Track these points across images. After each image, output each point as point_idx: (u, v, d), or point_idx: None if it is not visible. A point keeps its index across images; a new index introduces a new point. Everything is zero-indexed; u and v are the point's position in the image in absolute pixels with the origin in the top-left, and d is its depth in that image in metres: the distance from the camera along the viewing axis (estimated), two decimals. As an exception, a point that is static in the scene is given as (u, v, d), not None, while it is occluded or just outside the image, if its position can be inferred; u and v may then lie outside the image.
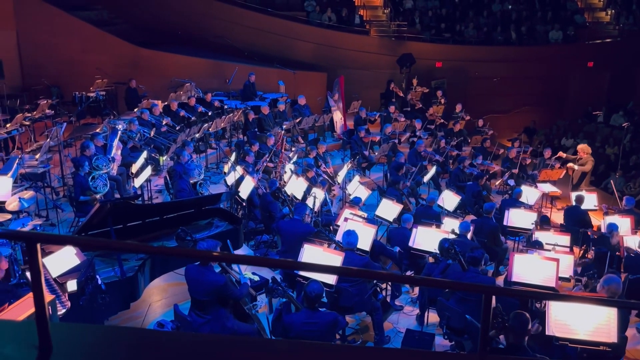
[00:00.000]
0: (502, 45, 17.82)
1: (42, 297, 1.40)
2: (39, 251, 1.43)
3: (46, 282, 5.28)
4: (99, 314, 5.14)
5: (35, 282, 1.44)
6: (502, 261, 8.12)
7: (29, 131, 10.88)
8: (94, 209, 5.76)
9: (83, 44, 14.36)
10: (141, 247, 1.74)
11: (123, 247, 3.21)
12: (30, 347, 1.39)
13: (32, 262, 1.42)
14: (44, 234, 1.90)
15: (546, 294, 4.02)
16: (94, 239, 3.70)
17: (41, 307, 1.40)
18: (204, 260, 5.02)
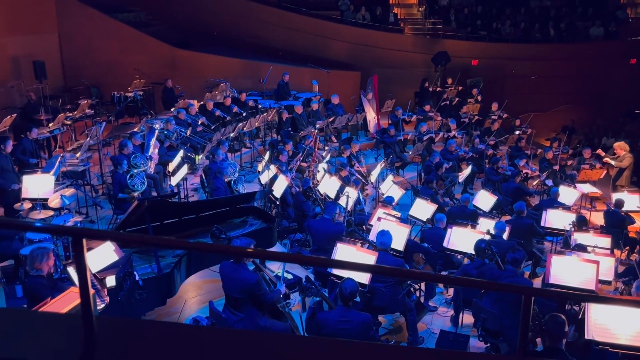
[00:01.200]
0: (541, 43, 17.45)
1: (88, 291, 1.44)
2: (85, 246, 1.47)
3: (86, 278, 5.44)
4: (136, 309, 5.25)
5: (81, 276, 1.48)
6: (539, 262, 7.95)
7: (70, 130, 11.20)
8: (132, 206, 5.90)
9: (121, 45, 14.70)
10: (182, 243, 1.78)
11: (165, 243, 3.27)
12: (75, 339, 1.43)
13: (78, 257, 1.46)
14: (90, 229, 1.97)
15: (587, 295, 3.91)
16: (136, 235, 3.79)
17: (87, 301, 1.44)
18: (238, 257, 5.08)
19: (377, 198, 10.04)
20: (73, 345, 1.43)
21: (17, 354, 1.30)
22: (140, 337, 1.54)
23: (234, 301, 5.11)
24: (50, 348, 1.37)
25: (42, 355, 1.16)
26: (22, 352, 1.32)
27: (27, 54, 12.66)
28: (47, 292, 4.66)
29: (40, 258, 4.83)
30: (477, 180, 11.94)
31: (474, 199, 9.28)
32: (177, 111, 11.32)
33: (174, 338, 1.58)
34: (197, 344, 1.57)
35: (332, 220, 7.01)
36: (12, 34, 12.44)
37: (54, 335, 1.48)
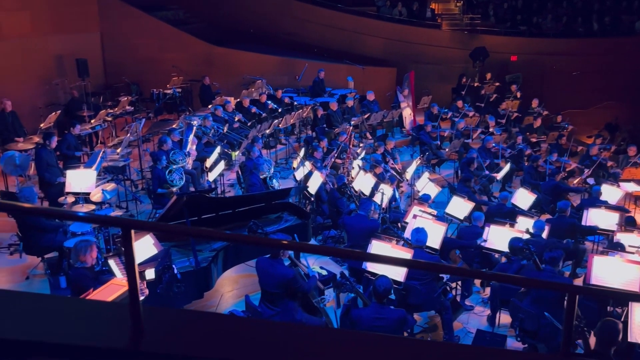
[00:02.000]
0: (583, 37, 16.95)
1: (136, 279, 1.48)
2: (133, 237, 1.51)
3: (127, 270, 5.58)
4: (174, 302, 5.35)
5: (129, 265, 1.53)
6: (580, 263, 7.75)
7: (111, 126, 11.47)
8: (171, 201, 6.01)
9: (161, 43, 14.98)
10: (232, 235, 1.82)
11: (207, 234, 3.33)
12: (122, 327, 1.48)
13: (126, 247, 1.51)
14: (138, 220, 2.03)
15: (634, 295, 3.77)
16: (181, 226, 3.86)
17: (134, 289, 1.48)
18: (275, 253, 5.13)
19: (412, 195, 9.97)
20: (120, 332, 1.48)
21: (67, 340, 1.35)
22: (184, 326, 1.58)
23: (270, 296, 5.16)
24: (98, 335, 1.42)
25: (91, 341, 1.20)
26: (71, 338, 1.37)
27: (70, 52, 13.03)
28: (90, 284, 4.80)
29: (84, 250, 4.98)
30: (516, 178, 11.71)
31: (512, 197, 9.11)
32: (214, 108, 11.48)
33: (216, 327, 1.62)
34: (238, 334, 1.60)
35: (367, 217, 7.00)
36: (57, 33, 12.82)
37: (101, 322, 1.53)
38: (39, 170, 7.99)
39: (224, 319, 1.96)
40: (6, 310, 1.68)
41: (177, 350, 1.43)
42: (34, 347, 1.37)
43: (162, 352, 1.41)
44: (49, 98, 12.40)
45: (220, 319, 1.93)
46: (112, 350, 1.35)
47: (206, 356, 1.43)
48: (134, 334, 1.44)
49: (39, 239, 6.52)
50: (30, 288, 6.46)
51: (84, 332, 1.21)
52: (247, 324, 1.82)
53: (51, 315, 1.48)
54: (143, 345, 1.41)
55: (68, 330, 1.42)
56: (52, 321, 1.48)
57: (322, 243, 8.41)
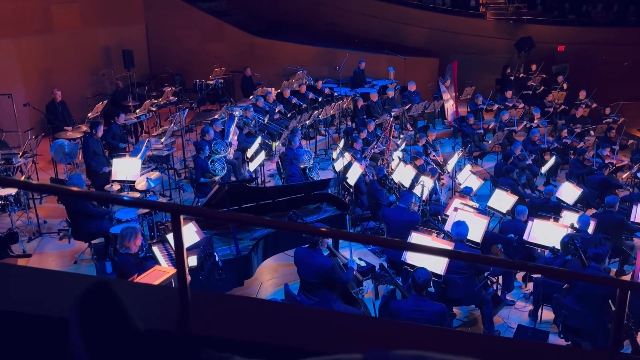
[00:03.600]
0: (635, 27, 16.27)
1: (184, 265, 1.52)
2: (182, 222, 1.55)
3: (169, 257, 5.71)
4: (215, 288, 5.46)
5: (178, 249, 1.57)
6: (628, 260, 7.50)
7: (155, 116, 11.73)
8: (213, 190, 6.12)
9: (204, 34, 15.18)
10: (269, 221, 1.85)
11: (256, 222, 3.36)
12: (170, 309, 1.52)
13: (175, 232, 1.55)
14: (187, 206, 2.07)
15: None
16: (229, 213, 3.92)
17: (182, 272, 1.52)
18: (314, 242, 5.15)
19: (453, 188, 9.83)
20: (169, 314, 1.53)
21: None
22: (229, 309, 1.62)
23: (309, 285, 5.20)
24: (147, 316, 1.47)
25: (141, 322, 1.24)
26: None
27: (116, 44, 13.37)
28: (134, 270, 4.94)
29: (129, 237, 5.12)
30: (561, 172, 11.40)
31: (557, 191, 8.87)
32: (255, 99, 11.58)
33: (260, 312, 1.65)
34: (281, 319, 1.63)
35: (407, 210, 6.94)
36: (103, 25, 13.17)
37: (150, 304, 1.58)
38: (86, 159, 8.25)
39: (268, 304, 1.99)
40: (53, 290, 1.77)
41: (224, 333, 1.46)
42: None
43: (209, 334, 1.45)
44: (96, 88, 12.77)
45: (264, 304, 1.97)
46: (161, 332, 1.40)
47: (252, 340, 1.47)
48: (182, 315, 1.48)
49: (86, 225, 6.75)
50: (78, 272, 6.69)
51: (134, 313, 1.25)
52: (290, 310, 1.84)
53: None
54: (191, 328, 1.45)
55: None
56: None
57: (361, 234, 8.40)
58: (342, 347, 1.53)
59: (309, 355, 1.09)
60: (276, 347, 1.47)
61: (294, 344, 1.50)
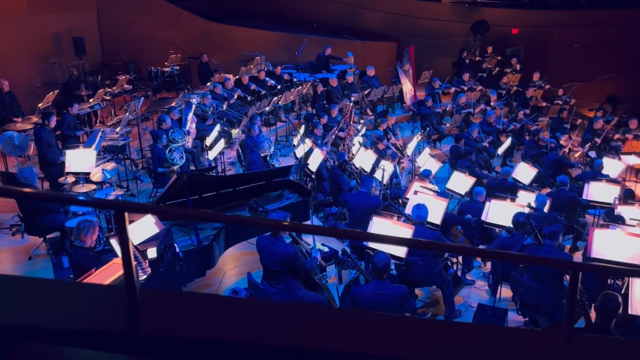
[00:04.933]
0: (586, 9, 16.71)
1: (131, 263, 1.47)
2: (127, 219, 1.49)
3: (129, 249, 5.60)
4: (176, 280, 5.38)
5: (124, 248, 1.51)
6: (581, 236, 7.77)
7: (110, 105, 11.41)
8: (172, 180, 6.00)
9: (158, 21, 14.79)
10: (221, 216, 1.80)
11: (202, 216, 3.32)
12: (120, 310, 1.47)
13: (120, 229, 1.49)
14: (132, 202, 2.01)
15: (635, 270, 3.78)
16: (175, 208, 3.86)
17: (130, 272, 1.48)
18: (275, 230, 5.13)
19: (413, 171, 9.95)
20: (118, 315, 1.48)
21: (65, 325, 1.35)
22: (181, 307, 1.58)
23: (272, 273, 5.18)
24: (96, 319, 1.42)
25: (89, 325, 1.20)
26: (69, 322, 1.36)
27: (67, 31, 12.88)
28: (91, 263, 4.81)
29: (86, 230, 4.98)
30: (517, 153, 11.67)
31: (513, 172, 9.09)
32: (213, 85, 11.39)
33: (214, 309, 1.62)
34: (236, 315, 1.60)
35: (368, 194, 6.99)
36: (52, 11, 12.65)
37: (99, 306, 1.52)
38: (41, 150, 7.97)
39: (223, 300, 1.96)
40: (2, 295, 1.69)
41: (174, 331, 1.42)
42: (29, 331, 1.36)
43: (159, 334, 1.41)
44: (46, 77, 12.30)
45: (218, 300, 1.93)
46: (110, 333, 1.35)
47: (202, 337, 1.43)
48: (131, 317, 1.44)
49: (40, 220, 6.53)
50: (33, 268, 6.49)
51: (80, 317, 1.20)
52: (244, 305, 1.81)
53: (47, 300, 1.48)
54: (141, 327, 1.41)
55: (64, 316, 1.41)
56: (48, 305, 1.47)
57: (324, 220, 8.43)
58: (300, 340, 1.52)
59: (266, 350, 1.07)
60: (232, 344, 1.44)
61: (250, 339, 1.47)
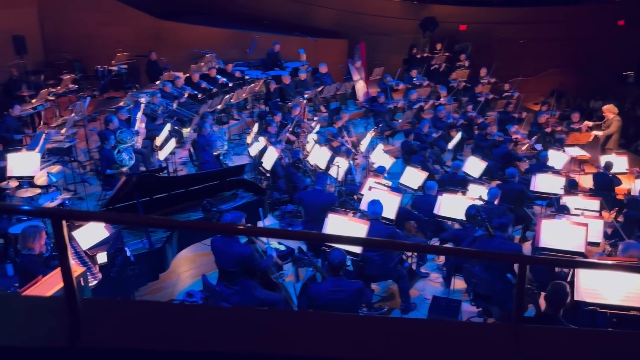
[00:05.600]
0: (530, 6, 17.27)
1: (70, 274, 1.40)
2: (65, 228, 1.42)
3: (77, 255, 5.41)
4: (129, 285, 5.25)
5: (62, 258, 1.44)
6: (529, 226, 8.03)
7: (54, 106, 11.00)
8: (121, 182, 5.84)
9: (104, 17, 14.33)
10: (165, 221, 1.75)
11: (148, 222, 3.23)
12: (62, 322, 1.40)
13: (57, 238, 1.42)
14: (69, 210, 1.91)
15: (578, 262, 3.95)
16: (116, 215, 3.74)
17: (70, 283, 1.41)
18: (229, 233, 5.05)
19: (367, 167, 10.03)
20: (58, 329, 1.40)
21: (4, 340, 1.27)
22: (128, 317, 1.51)
23: (227, 274, 5.12)
24: (35, 333, 1.34)
25: (30, 340, 1.13)
26: (5, 338, 1.28)
27: (5, 29, 12.31)
28: (39, 270, 4.64)
29: (33, 237, 4.80)
30: (467, 147, 11.94)
31: (463, 166, 9.30)
32: (162, 84, 11.15)
33: (163, 317, 1.56)
34: (186, 323, 1.55)
35: (323, 191, 7.00)
36: (-11, 8, 12.10)
37: (40, 319, 1.44)
38: (-22, 154, 7.61)
39: (170, 307, 1.91)
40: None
41: (119, 344, 1.36)
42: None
43: (102, 347, 1.35)
44: (-16, 78, 11.75)
45: (166, 307, 1.88)
46: (49, 349, 1.28)
47: (150, 349, 1.38)
48: (72, 329, 1.37)
49: (-20, 227, 6.24)
50: (-25, 278, 6.18)
51: (21, 331, 1.14)
52: (194, 312, 1.77)
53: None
54: (82, 341, 1.34)
55: (4, 331, 1.33)
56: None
57: (280, 218, 8.39)
58: (252, 347, 1.49)
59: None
60: (181, 354, 1.39)
61: (201, 349, 1.43)
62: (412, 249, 6.17)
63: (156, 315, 1.58)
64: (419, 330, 1.68)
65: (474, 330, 1.70)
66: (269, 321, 1.62)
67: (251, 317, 1.66)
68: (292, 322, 1.69)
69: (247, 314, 1.71)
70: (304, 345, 1.50)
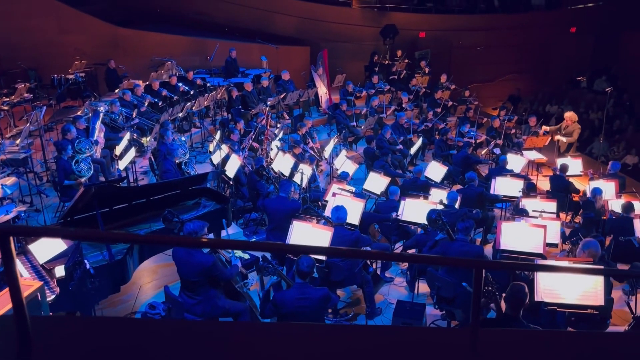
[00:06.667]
0: (485, 14, 17.71)
1: (19, 293, 1.36)
2: (12, 244, 1.38)
3: (34, 269, 5.24)
4: (89, 298, 5.11)
5: (10, 277, 1.39)
6: (490, 229, 8.19)
7: (8, 116, 10.67)
8: (79, 193, 5.68)
9: (60, 25, 14.02)
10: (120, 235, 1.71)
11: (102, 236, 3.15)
12: (11, 342, 1.35)
13: (5, 257, 1.37)
14: (17, 226, 1.84)
15: (536, 265, 4.08)
16: (67, 230, 3.64)
17: (19, 303, 1.36)
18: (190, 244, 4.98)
19: (331, 174, 10.06)
20: (9, 348, 1.35)
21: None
22: (82, 334, 1.47)
23: (190, 284, 5.03)
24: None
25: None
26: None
27: (-45, 36, 11.92)
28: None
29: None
30: (428, 152, 12.12)
31: (425, 170, 9.43)
32: (122, 92, 10.94)
33: (119, 333, 1.52)
34: (140, 337, 1.51)
35: (287, 198, 6.98)
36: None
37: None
38: None
39: (124, 322, 1.86)
40: None
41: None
42: None
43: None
44: None
45: (121, 322, 1.84)
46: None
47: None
48: (21, 349, 1.32)
49: None
50: None
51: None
52: (149, 326, 1.73)
53: None
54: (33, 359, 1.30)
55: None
56: None
57: (243, 227, 8.33)
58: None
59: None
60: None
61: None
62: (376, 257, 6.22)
63: (115, 330, 1.54)
64: (382, 337, 1.69)
65: (434, 336, 1.73)
66: (235, 334, 1.60)
67: (216, 329, 1.64)
68: (258, 334, 1.67)
69: (211, 327, 1.69)
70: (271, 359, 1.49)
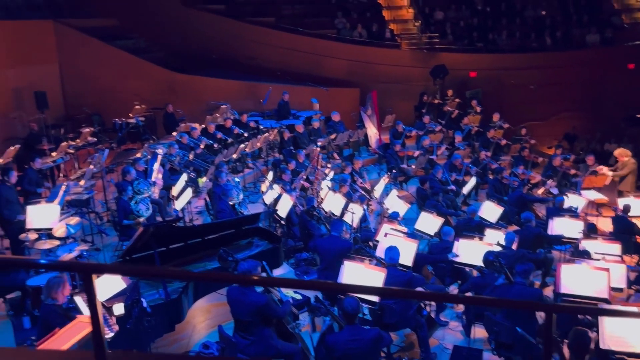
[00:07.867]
0: (537, 52, 17.51)
1: (100, 328, 1.41)
2: (94, 282, 1.44)
3: (94, 306, 5.41)
4: (145, 336, 5.20)
5: (93, 312, 1.45)
6: (549, 272, 7.88)
7: (73, 159, 11.22)
8: (138, 232, 5.88)
9: (121, 72, 14.81)
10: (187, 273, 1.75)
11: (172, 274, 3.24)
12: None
13: (88, 293, 1.44)
14: (99, 264, 1.93)
15: (609, 311, 3.86)
16: (142, 268, 3.76)
17: (100, 338, 1.41)
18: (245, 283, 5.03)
19: (382, 213, 10.00)
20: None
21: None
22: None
23: (243, 324, 5.06)
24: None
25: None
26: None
27: (28, 85, 12.76)
28: (58, 320, 4.66)
29: (57, 287, 4.86)
30: (481, 192, 11.88)
31: (479, 210, 9.23)
32: (180, 135, 11.36)
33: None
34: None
35: (339, 238, 6.96)
36: (14, 65, 12.57)
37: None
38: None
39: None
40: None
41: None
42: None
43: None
44: (6, 132, 12.10)
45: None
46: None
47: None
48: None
49: (0, 279, 6.28)
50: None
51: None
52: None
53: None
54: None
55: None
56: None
57: (295, 267, 8.33)
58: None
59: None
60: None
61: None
62: (432, 298, 6.06)
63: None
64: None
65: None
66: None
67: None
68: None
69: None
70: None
